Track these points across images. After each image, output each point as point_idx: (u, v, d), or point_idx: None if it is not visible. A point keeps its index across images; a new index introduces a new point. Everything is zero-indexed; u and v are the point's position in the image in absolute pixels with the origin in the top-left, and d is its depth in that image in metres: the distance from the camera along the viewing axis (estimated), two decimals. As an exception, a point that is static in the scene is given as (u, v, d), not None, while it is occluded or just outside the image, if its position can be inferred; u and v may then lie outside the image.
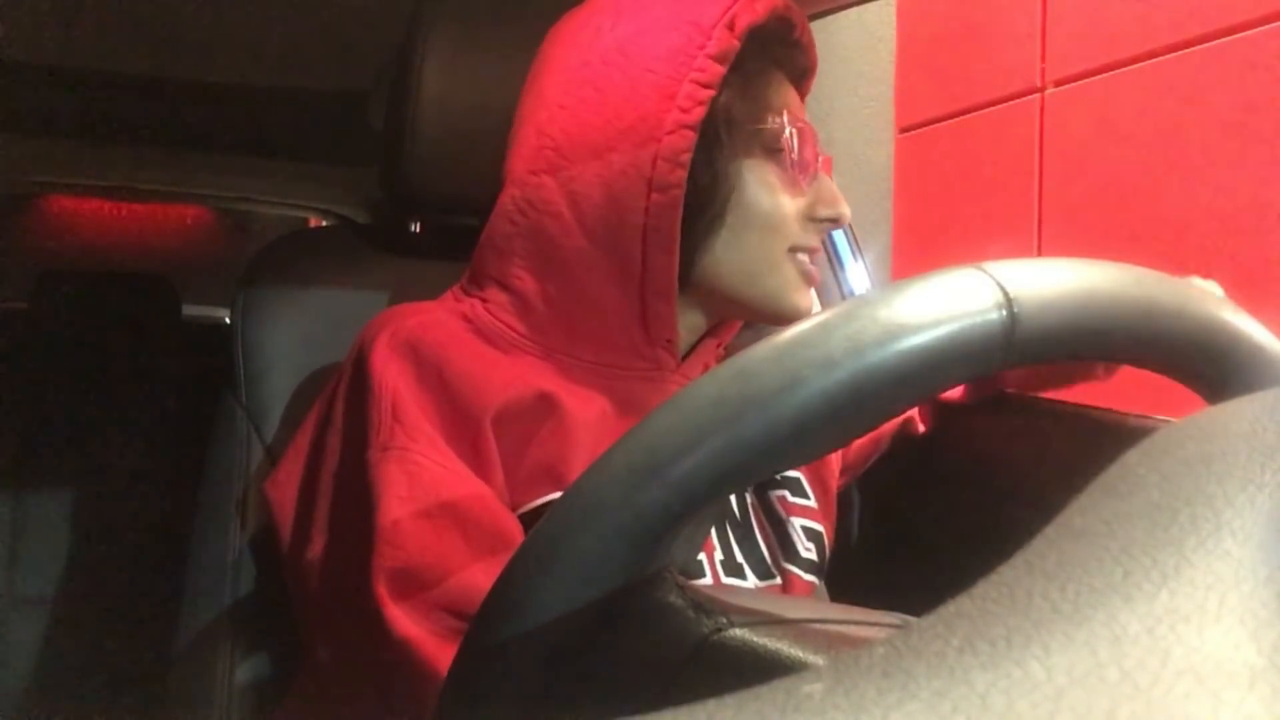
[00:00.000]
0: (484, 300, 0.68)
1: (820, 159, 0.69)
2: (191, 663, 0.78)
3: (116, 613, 1.38)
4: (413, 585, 0.55)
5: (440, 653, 0.53)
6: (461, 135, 0.80)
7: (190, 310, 1.96)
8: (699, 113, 0.60)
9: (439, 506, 0.57)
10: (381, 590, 0.55)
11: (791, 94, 0.70)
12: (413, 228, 0.97)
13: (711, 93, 0.61)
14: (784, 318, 0.70)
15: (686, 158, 0.61)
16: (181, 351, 1.63)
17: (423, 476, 0.58)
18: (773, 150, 0.66)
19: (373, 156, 0.92)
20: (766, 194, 0.66)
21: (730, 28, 0.61)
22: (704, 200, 0.64)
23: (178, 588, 0.82)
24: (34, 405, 1.46)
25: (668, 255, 0.62)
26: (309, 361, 0.82)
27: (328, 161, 1.75)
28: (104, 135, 1.58)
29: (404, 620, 0.54)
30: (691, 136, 0.61)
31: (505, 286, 0.67)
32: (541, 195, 0.64)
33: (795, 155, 0.66)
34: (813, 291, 0.71)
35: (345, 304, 0.85)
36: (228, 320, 0.89)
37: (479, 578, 0.55)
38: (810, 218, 0.68)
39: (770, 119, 0.66)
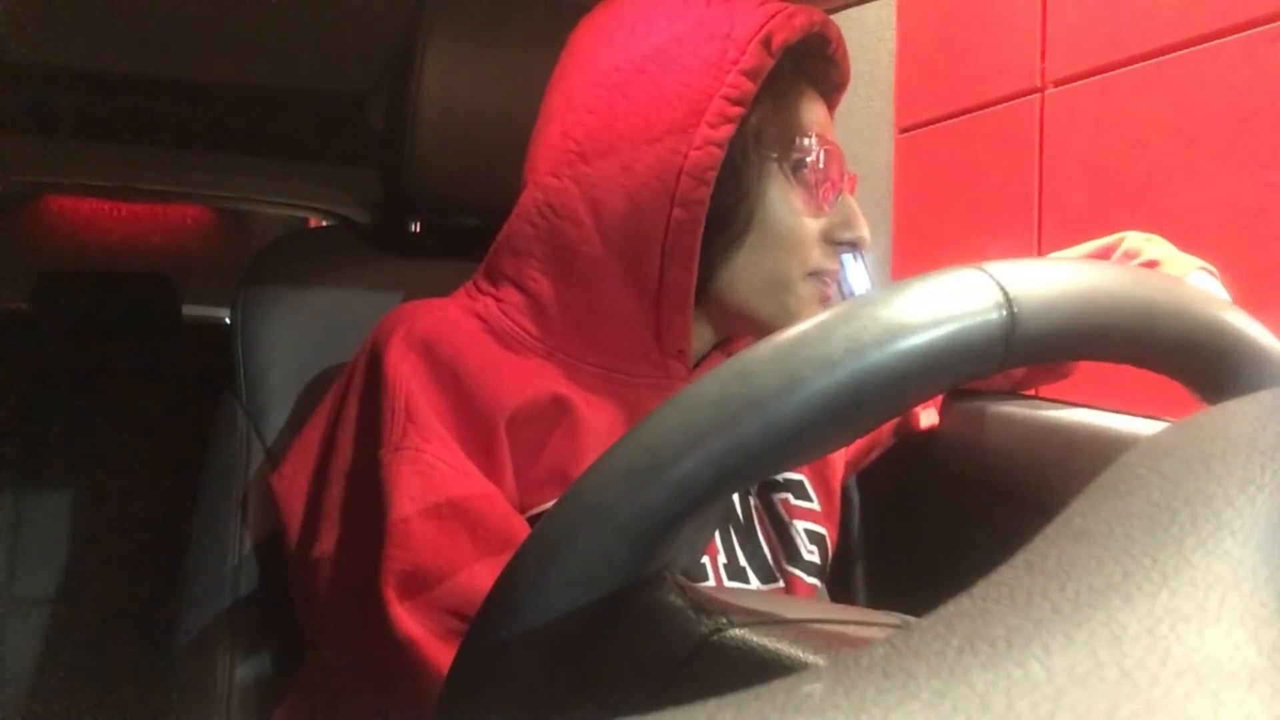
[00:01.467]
0: (498, 300, 0.68)
1: (846, 178, 0.68)
2: (191, 663, 0.78)
3: (116, 613, 1.38)
4: (419, 586, 0.55)
5: (443, 654, 0.53)
6: (461, 135, 0.80)
7: (190, 310, 1.96)
8: (727, 130, 0.60)
9: (449, 508, 0.57)
10: (388, 590, 0.55)
11: (821, 111, 0.69)
12: (413, 228, 0.97)
13: (741, 110, 0.60)
14: None
15: (711, 175, 0.60)
16: (181, 351, 1.63)
17: (434, 477, 0.58)
18: (798, 170, 0.65)
19: (373, 156, 0.92)
20: (789, 215, 0.65)
21: (766, 44, 0.60)
22: (726, 218, 0.64)
23: (178, 588, 0.81)
24: (34, 405, 1.46)
25: (686, 270, 0.62)
26: (309, 361, 0.82)
27: (328, 161, 1.75)
28: (104, 135, 1.58)
29: (408, 620, 0.54)
30: (718, 154, 0.60)
31: (521, 287, 0.67)
32: (563, 200, 0.64)
33: (822, 175, 0.66)
34: None
35: (345, 304, 0.85)
36: (228, 320, 0.89)
37: (485, 579, 0.55)
38: (830, 239, 0.67)
39: (799, 140, 0.65)
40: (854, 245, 0.68)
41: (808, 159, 0.65)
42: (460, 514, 0.57)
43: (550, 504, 0.62)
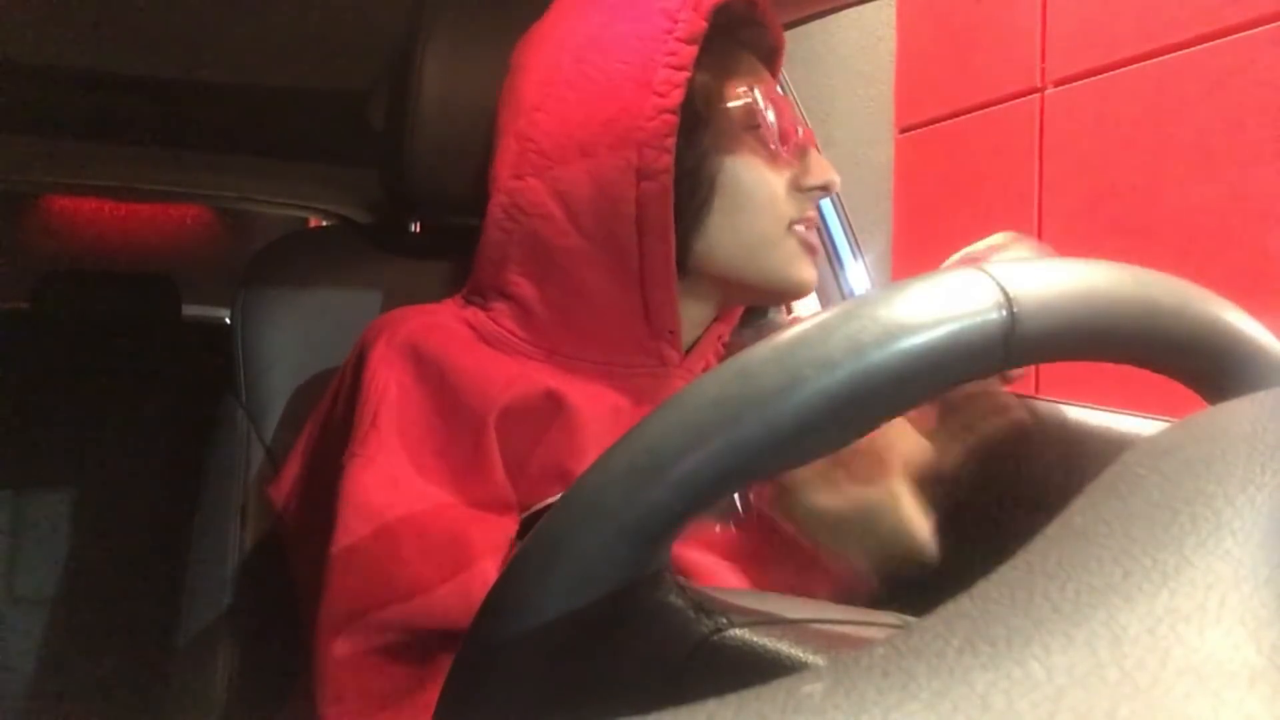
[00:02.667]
0: (486, 309, 0.68)
1: (801, 130, 0.69)
2: (191, 663, 0.78)
3: (116, 613, 1.38)
4: (355, 611, 0.56)
5: (369, 670, 0.54)
6: (461, 135, 0.80)
7: (190, 310, 1.96)
8: (677, 96, 0.61)
9: (385, 527, 0.57)
10: (327, 621, 0.55)
11: (762, 71, 0.71)
12: (413, 228, 0.97)
13: (686, 74, 0.61)
14: (789, 292, 0.70)
15: (671, 142, 0.61)
16: (181, 351, 1.63)
17: (375, 500, 0.58)
18: (751, 127, 0.66)
19: (373, 156, 0.92)
20: (751, 171, 0.66)
21: (696, 9, 0.62)
22: (692, 184, 0.64)
23: (178, 588, 0.82)
24: (34, 405, 1.46)
25: (663, 243, 0.63)
26: (309, 361, 0.82)
27: (328, 161, 1.75)
28: (104, 135, 1.58)
29: (342, 643, 0.55)
30: (673, 121, 0.61)
31: (505, 294, 0.67)
32: (529, 198, 0.64)
33: (774, 129, 0.66)
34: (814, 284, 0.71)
35: (345, 304, 0.85)
36: (228, 320, 0.89)
37: (428, 595, 0.55)
38: (799, 189, 0.68)
39: (744, 94, 0.66)
40: (825, 190, 0.69)
41: (757, 108, 0.66)
42: (397, 529, 0.57)
43: (551, 500, 0.62)
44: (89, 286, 1.73)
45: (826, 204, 1.16)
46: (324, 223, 2.11)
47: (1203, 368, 0.35)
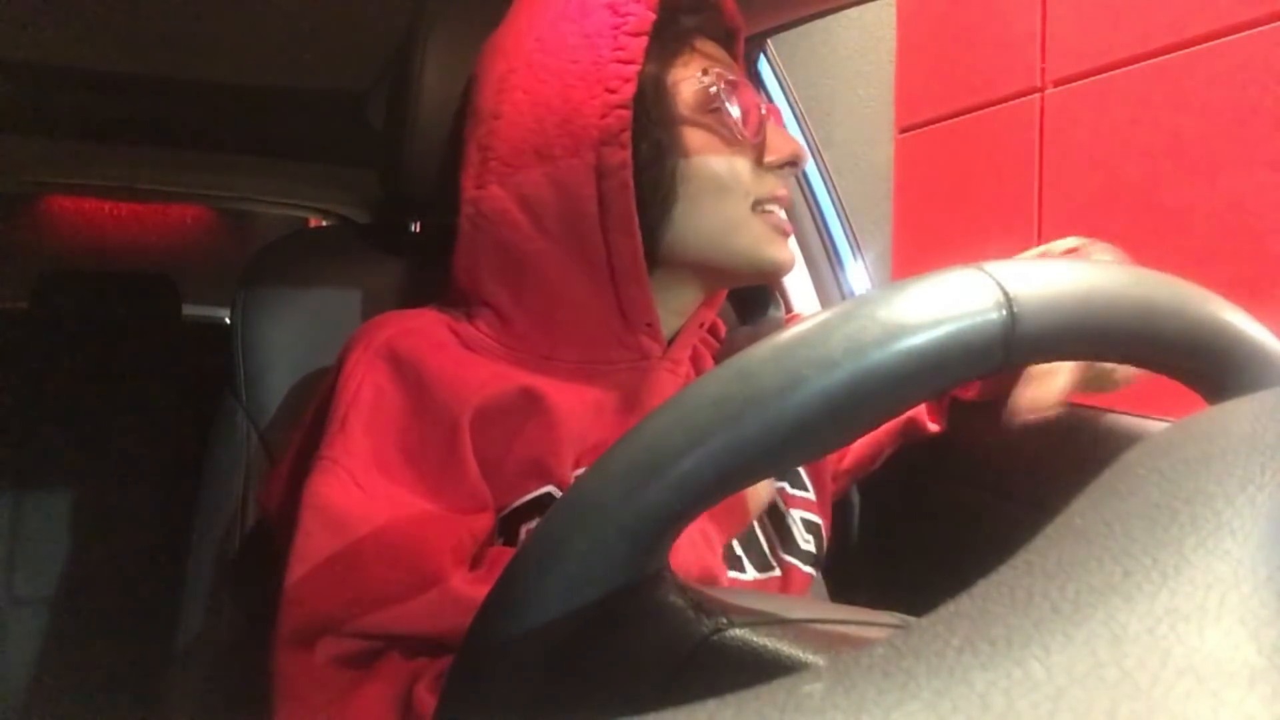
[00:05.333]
0: (467, 315, 0.68)
1: (763, 107, 0.68)
2: (191, 663, 0.78)
3: (116, 613, 1.38)
4: (314, 630, 0.55)
5: (331, 670, 0.53)
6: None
7: (190, 310, 1.97)
8: (628, 90, 0.61)
9: (345, 532, 0.56)
10: (286, 635, 0.55)
11: (717, 51, 0.70)
12: (413, 228, 0.97)
13: (636, 67, 0.61)
14: (765, 273, 0.69)
15: (626, 137, 0.61)
16: (181, 351, 1.63)
17: (336, 503, 0.57)
18: (708, 109, 0.66)
19: (373, 156, 0.92)
20: (711, 155, 0.65)
21: (642, 1, 0.62)
22: (653, 175, 0.64)
23: (177, 588, 0.82)
24: (34, 405, 1.46)
25: (629, 238, 0.62)
26: (309, 361, 0.82)
27: (328, 161, 1.75)
28: (104, 135, 1.59)
29: (304, 653, 0.54)
30: (626, 115, 0.61)
31: (482, 301, 0.67)
32: (493, 206, 0.65)
33: (732, 108, 0.65)
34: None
35: (345, 304, 0.85)
36: (228, 320, 0.89)
37: (397, 606, 0.55)
38: (764, 167, 0.67)
39: (698, 78, 0.66)
40: (792, 165, 0.68)
41: (710, 91, 0.65)
42: (360, 545, 0.56)
43: (530, 495, 0.62)
44: (89, 286, 1.73)
45: (826, 204, 1.16)
46: (324, 223, 2.12)
47: (1203, 368, 0.35)
